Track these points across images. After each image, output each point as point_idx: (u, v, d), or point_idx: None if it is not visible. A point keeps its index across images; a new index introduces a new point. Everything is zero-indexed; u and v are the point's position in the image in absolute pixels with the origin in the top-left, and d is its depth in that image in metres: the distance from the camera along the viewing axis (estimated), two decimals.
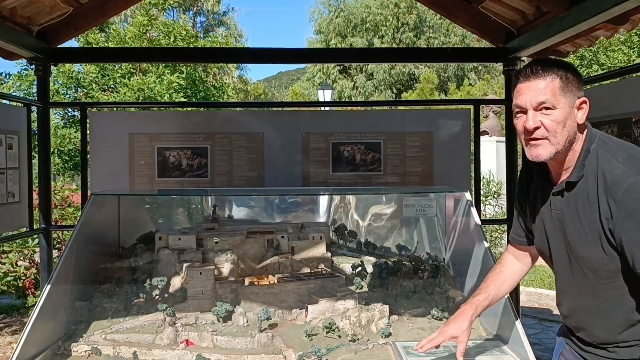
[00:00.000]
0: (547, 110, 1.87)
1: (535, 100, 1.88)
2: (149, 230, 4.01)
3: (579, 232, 1.91)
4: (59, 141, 10.19)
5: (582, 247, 1.91)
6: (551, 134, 1.87)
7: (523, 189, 2.22)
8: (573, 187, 1.92)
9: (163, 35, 12.10)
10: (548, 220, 2.04)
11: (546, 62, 1.92)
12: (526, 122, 1.89)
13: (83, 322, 3.13)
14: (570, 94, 1.88)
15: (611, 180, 1.81)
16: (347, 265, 3.72)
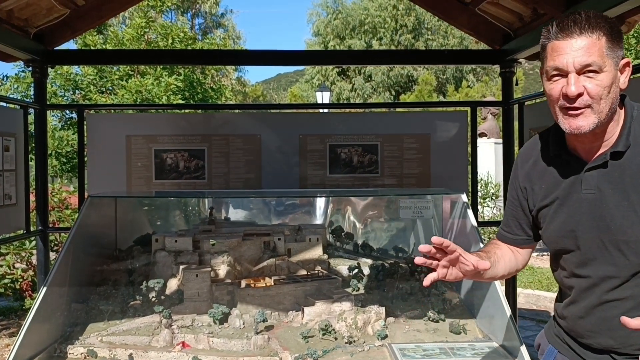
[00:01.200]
0: (593, 73, 1.59)
1: (580, 62, 1.58)
2: (145, 232, 4.02)
3: (627, 211, 1.63)
4: (56, 143, 10.18)
5: (630, 228, 1.62)
6: (595, 101, 1.59)
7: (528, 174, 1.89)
8: (620, 158, 1.65)
9: (161, 37, 12.09)
10: (574, 204, 1.73)
11: (589, 16, 1.62)
12: (567, 88, 1.60)
13: (79, 324, 3.13)
14: (615, 53, 1.62)
15: None
16: (343, 267, 3.72)
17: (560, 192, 1.76)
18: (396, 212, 4.08)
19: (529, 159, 1.89)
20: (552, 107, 1.68)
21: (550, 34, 1.65)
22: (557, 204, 1.77)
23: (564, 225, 1.75)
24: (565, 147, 1.77)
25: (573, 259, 1.77)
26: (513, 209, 1.96)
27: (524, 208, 1.91)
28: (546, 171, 1.82)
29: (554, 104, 1.67)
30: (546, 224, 1.82)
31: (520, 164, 1.93)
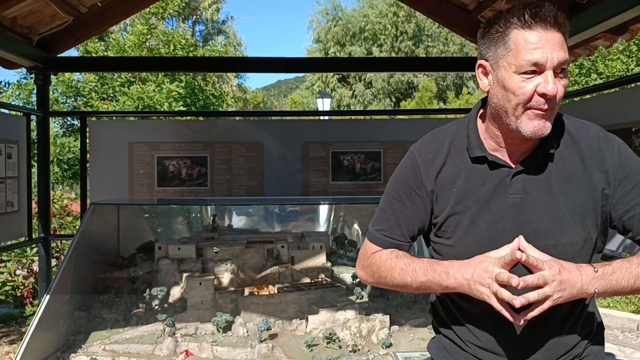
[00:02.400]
0: (563, 73, 1.45)
1: (559, 59, 1.41)
2: (148, 239, 4.01)
3: (555, 214, 1.51)
4: (58, 150, 10.18)
5: (559, 232, 1.51)
6: (558, 104, 1.46)
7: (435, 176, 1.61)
8: (550, 160, 1.53)
9: (162, 44, 12.12)
10: (498, 210, 1.54)
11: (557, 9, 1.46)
12: (545, 86, 1.41)
13: (82, 333, 3.12)
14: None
15: (598, 140, 1.54)
16: (347, 275, 3.71)
17: (480, 197, 1.55)
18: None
19: (434, 159, 1.63)
20: (514, 106, 1.46)
21: (518, 21, 1.44)
22: (476, 211, 1.55)
23: (487, 233, 1.54)
24: (485, 149, 1.57)
25: None
26: (408, 214, 1.64)
27: (427, 213, 1.63)
28: (460, 175, 1.58)
29: (519, 103, 1.45)
30: (461, 234, 1.57)
31: (423, 165, 1.64)
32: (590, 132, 1.57)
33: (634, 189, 1.51)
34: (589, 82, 14.00)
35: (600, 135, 1.56)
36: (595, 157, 1.52)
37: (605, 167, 1.51)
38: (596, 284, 1.42)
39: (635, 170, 1.52)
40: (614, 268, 1.45)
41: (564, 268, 1.40)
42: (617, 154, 1.52)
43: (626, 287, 1.46)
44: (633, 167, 1.53)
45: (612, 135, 1.57)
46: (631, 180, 1.51)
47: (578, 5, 3.54)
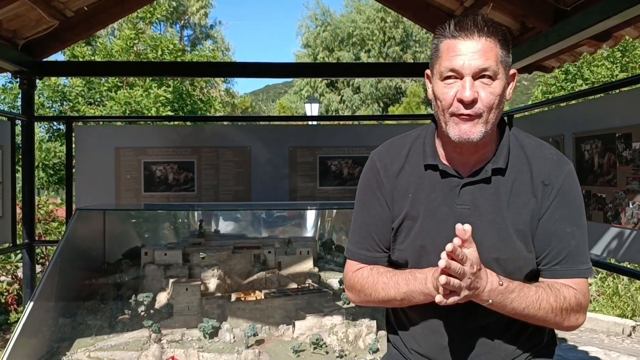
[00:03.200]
0: (487, 79, 1.48)
1: (477, 65, 1.46)
2: (134, 245, 3.98)
3: (499, 228, 1.54)
4: (43, 155, 10.09)
5: (502, 246, 1.54)
6: (486, 109, 1.48)
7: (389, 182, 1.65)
8: (500, 174, 1.56)
9: (150, 48, 12.09)
10: (444, 219, 1.57)
11: (486, 20, 1.51)
12: (462, 92, 1.46)
13: (66, 340, 3.08)
14: (506, 63, 1.52)
15: (551, 164, 1.56)
16: (334, 280, 3.71)
17: (431, 204, 1.59)
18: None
19: (392, 163, 1.67)
20: (442, 113, 1.52)
21: (446, 32, 1.51)
22: (425, 218, 1.59)
23: (433, 240, 1.57)
24: (439, 157, 1.61)
25: None
26: (374, 221, 1.67)
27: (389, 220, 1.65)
28: (414, 181, 1.62)
29: (444, 109, 1.51)
30: (411, 239, 1.61)
31: (383, 169, 1.68)
32: (544, 153, 1.59)
33: (557, 222, 1.54)
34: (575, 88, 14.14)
35: (554, 158, 1.59)
36: (542, 179, 1.55)
37: (547, 191, 1.55)
38: (493, 295, 1.46)
39: (568, 202, 1.55)
40: (515, 288, 1.48)
41: (484, 271, 1.44)
42: (561, 181, 1.55)
43: (517, 310, 1.49)
44: (569, 199, 1.55)
45: (565, 161, 1.60)
46: (559, 211, 1.54)
47: (563, 12, 3.58)
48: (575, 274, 1.55)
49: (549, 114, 4.08)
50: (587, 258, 1.57)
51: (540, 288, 1.52)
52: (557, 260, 1.55)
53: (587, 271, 1.57)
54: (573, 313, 1.54)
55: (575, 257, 1.55)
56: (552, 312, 1.51)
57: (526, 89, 45.84)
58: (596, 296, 8.00)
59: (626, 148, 2.94)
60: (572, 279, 1.55)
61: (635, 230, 2.88)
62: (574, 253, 1.55)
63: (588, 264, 1.57)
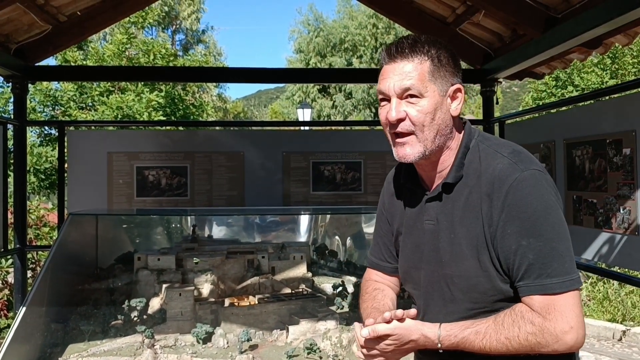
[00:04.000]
0: (413, 98, 1.53)
1: (399, 86, 1.53)
2: (127, 250, 3.97)
3: (453, 244, 1.55)
4: (35, 159, 10.03)
5: (454, 262, 1.55)
6: (418, 127, 1.53)
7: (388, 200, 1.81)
8: (450, 190, 1.58)
9: (142, 53, 12.07)
10: (419, 235, 1.65)
11: (415, 40, 1.57)
12: (388, 112, 1.55)
13: (59, 345, 3.07)
14: (442, 79, 1.55)
15: (494, 176, 1.51)
16: (328, 285, 3.71)
17: (408, 221, 1.70)
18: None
19: (391, 185, 1.82)
20: (386, 134, 1.63)
21: (381, 58, 1.62)
22: (405, 234, 1.71)
23: (411, 255, 1.68)
24: (415, 175, 1.70)
25: (417, 292, 1.69)
26: (383, 234, 1.84)
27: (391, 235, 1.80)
28: (399, 199, 1.76)
29: (385, 130, 1.62)
30: (400, 254, 1.76)
31: (386, 188, 1.85)
32: (494, 164, 1.54)
33: (510, 237, 1.47)
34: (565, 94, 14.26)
35: (503, 167, 1.51)
36: (488, 192, 1.51)
37: (492, 205, 1.49)
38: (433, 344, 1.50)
39: (517, 214, 1.46)
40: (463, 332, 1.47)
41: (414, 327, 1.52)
42: (505, 192, 1.48)
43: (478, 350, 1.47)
44: (517, 210, 1.46)
45: (515, 169, 1.50)
46: (509, 225, 1.47)
47: (554, 19, 3.62)
48: (541, 290, 1.44)
49: (539, 120, 4.12)
50: (555, 271, 1.43)
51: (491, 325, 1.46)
52: (519, 276, 1.47)
53: (556, 285, 1.43)
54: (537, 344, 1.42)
55: (538, 271, 1.44)
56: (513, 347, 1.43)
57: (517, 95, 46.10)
58: (587, 301, 8.05)
59: (617, 154, 2.97)
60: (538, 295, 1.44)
61: (626, 235, 2.91)
62: (534, 267, 1.44)
63: (558, 277, 1.43)
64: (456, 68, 1.59)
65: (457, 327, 1.48)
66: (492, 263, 1.51)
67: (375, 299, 1.77)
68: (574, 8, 3.44)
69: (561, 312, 1.42)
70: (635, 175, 2.83)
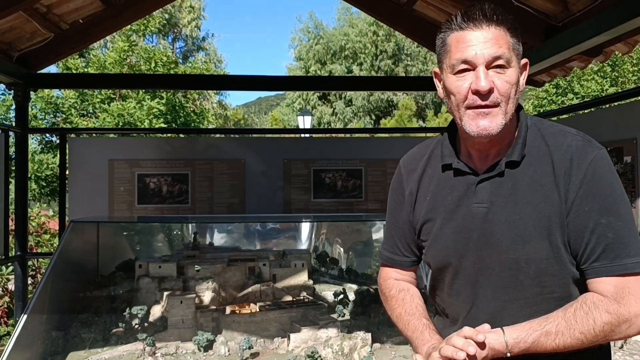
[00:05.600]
0: (501, 68, 1.42)
1: (490, 53, 1.41)
2: (128, 257, 3.97)
3: (518, 226, 1.44)
4: (36, 167, 10.03)
5: (522, 245, 1.44)
6: (504, 99, 1.42)
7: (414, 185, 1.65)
8: (515, 167, 1.47)
9: (143, 61, 12.09)
10: (463, 220, 1.52)
11: (495, 9, 1.46)
12: (477, 82, 1.41)
13: (60, 353, 3.06)
14: (518, 51, 1.47)
15: (571, 153, 1.43)
16: (329, 292, 3.71)
17: (448, 205, 1.55)
18: (381, 237, 4.09)
19: (415, 168, 1.67)
20: (456, 107, 1.47)
21: (453, 25, 1.47)
22: (443, 219, 1.56)
23: (452, 243, 1.54)
24: (458, 155, 1.57)
25: (459, 282, 1.56)
26: (399, 225, 1.69)
27: (411, 222, 1.66)
28: (432, 182, 1.61)
29: (459, 103, 1.46)
30: (430, 242, 1.60)
31: (406, 174, 1.69)
32: (567, 141, 1.47)
33: (588, 215, 1.39)
34: (565, 102, 14.30)
35: (579, 144, 1.45)
36: (565, 169, 1.42)
37: (570, 181, 1.41)
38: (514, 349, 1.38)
39: (597, 191, 1.39)
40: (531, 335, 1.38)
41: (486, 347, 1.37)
42: (585, 169, 1.41)
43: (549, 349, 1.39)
44: (597, 187, 1.40)
45: (592, 147, 1.44)
46: (588, 202, 1.39)
47: (554, 28, 3.64)
48: (619, 270, 1.36)
49: None
50: (634, 250, 1.37)
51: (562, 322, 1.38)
52: (594, 257, 1.38)
53: (636, 265, 1.36)
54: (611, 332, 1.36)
55: (617, 250, 1.37)
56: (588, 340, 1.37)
57: None
58: None
59: (617, 162, 2.98)
60: (616, 277, 1.36)
61: None
62: (613, 246, 1.37)
63: (637, 257, 1.36)
64: (520, 41, 1.49)
65: (523, 331, 1.39)
66: (564, 244, 1.42)
67: (405, 302, 1.66)
68: (574, 17, 3.46)
69: (635, 294, 1.36)
70: (636, 183, 2.84)
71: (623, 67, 14.24)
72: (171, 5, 29.12)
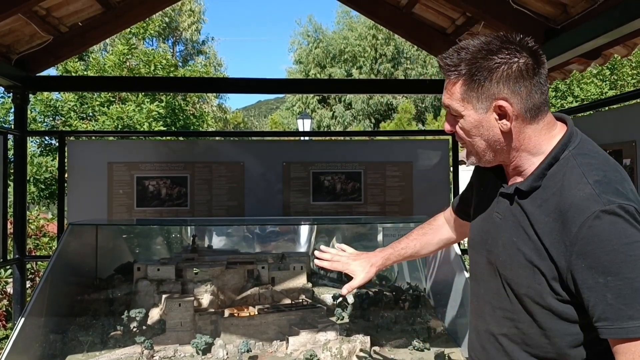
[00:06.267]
0: (457, 114, 1.52)
1: (443, 102, 1.55)
2: (127, 260, 3.95)
3: (512, 247, 1.51)
4: (35, 169, 10.04)
5: (510, 266, 1.51)
6: (467, 142, 1.55)
7: (479, 175, 1.81)
8: (523, 196, 1.51)
9: (143, 64, 12.11)
10: (487, 221, 1.66)
11: (453, 52, 1.51)
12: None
13: (57, 356, 3.05)
14: (480, 95, 1.46)
15: (571, 204, 1.38)
16: (328, 295, 3.70)
17: (485, 202, 1.70)
18: (380, 240, 4.08)
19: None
20: None
21: None
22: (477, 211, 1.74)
23: (476, 235, 1.71)
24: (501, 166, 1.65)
25: (473, 272, 1.73)
26: (466, 189, 1.93)
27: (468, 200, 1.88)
28: (486, 178, 1.73)
29: None
30: (472, 224, 1.78)
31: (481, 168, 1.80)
32: (579, 188, 1.39)
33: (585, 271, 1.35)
34: (565, 105, 14.31)
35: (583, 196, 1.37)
36: (564, 217, 1.39)
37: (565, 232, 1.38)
38: None
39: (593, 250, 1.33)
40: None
41: None
42: (579, 225, 1.34)
43: None
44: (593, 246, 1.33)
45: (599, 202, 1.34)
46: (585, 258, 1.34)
47: (553, 31, 3.64)
48: (620, 334, 1.31)
49: None
50: (636, 312, 1.29)
51: None
52: (596, 317, 1.35)
53: (636, 330, 1.29)
54: None
55: (616, 312, 1.30)
56: None
57: None
58: None
59: None
60: (619, 341, 1.32)
61: None
62: (613, 308, 1.31)
63: (637, 321, 1.29)
64: (505, 79, 1.44)
65: None
66: (549, 283, 1.42)
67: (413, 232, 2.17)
68: (573, 19, 3.47)
69: None
70: (636, 185, 2.83)
71: (622, 70, 14.28)
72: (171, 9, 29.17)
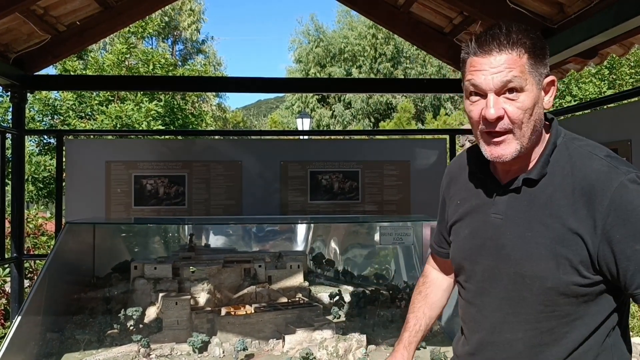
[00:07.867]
0: (513, 93, 1.42)
1: (499, 80, 1.41)
2: (124, 259, 3.96)
3: (528, 242, 1.46)
4: (33, 168, 10.04)
5: (529, 262, 1.45)
6: (516, 125, 1.42)
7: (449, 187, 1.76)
8: (532, 185, 1.48)
9: (142, 63, 12.11)
10: (480, 227, 1.58)
11: (509, 30, 1.44)
12: (486, 110, 1.43)
13: (54, 354, 3.06)
14: (537, 71, 1.44)
15: (594, 179, 1.39)
16: (324, 294, 3.71)
17: (470, 210, 1.62)
18: (377, 239, 4.09)
19: (453, 171, 1.77)
20: (474, 131, 1.51)
21: (470, 48, 1.47)
22: (464, 223, 1.64)
23: (467, 246, 1.61)
24: (486, 164, 1.60)
25: (470, 286, 1.62)
26: (440, 220, 1.84)
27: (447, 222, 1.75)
28: (463, 187, 1.68)
29: (474, 128, 1.50)
30: (454, 242, 1.69)
31: (448, 178, 1.80)
32: (592, 165, 1.42)
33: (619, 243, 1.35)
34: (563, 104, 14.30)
35: (603, 170, 1.40)
36: (587, 195, 1.39)
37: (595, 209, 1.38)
38: None
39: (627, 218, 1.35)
40: None
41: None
42: (609, 197, 1.36)
43: None
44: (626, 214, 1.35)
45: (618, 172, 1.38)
46: (618, 229, 1.35)
47: (550, 30, 3.64)
48: None
49: None
50: None
51: None
52: (634, 285, 1.35)
53: None
54: None
55: None
56: None
57: None
58: None
59: None
60: None
61: None
62: None
63: None
64: (547, 57, 1.47)
65: None
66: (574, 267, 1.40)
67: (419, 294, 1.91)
68: (570, 19, 3.47)
69: None
70: None
71: (620, 69, 14.27)
72: (171, 9, 29.15)
